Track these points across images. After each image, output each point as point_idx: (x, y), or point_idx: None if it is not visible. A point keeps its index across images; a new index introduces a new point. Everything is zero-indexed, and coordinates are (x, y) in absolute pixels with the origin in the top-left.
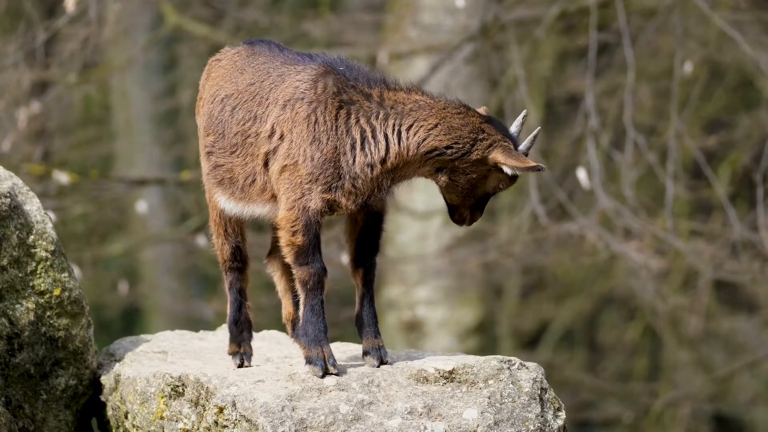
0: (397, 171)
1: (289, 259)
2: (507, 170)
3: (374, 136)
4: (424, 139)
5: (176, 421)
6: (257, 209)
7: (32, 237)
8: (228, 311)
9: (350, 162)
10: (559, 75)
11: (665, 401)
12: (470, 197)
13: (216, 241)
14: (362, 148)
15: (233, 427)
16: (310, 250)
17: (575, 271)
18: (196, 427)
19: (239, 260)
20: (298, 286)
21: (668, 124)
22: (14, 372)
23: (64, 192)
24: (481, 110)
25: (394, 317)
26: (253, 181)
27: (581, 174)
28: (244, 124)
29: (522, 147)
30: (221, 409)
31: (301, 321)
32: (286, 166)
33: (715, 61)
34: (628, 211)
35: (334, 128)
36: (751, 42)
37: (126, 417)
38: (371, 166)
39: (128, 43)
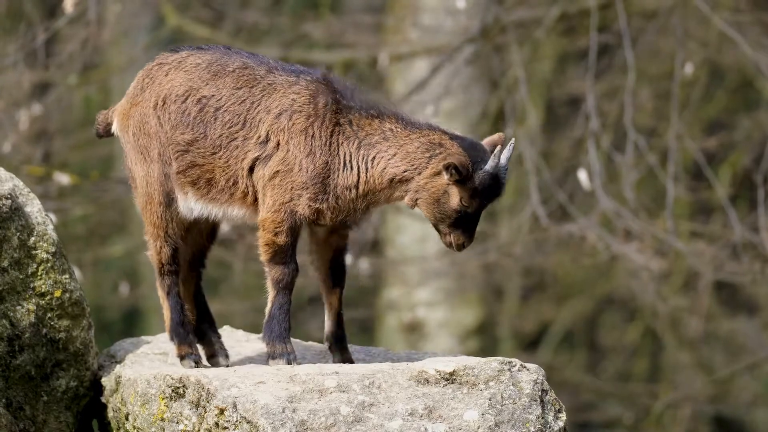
0: (369, 196)
1: (264, 258)
2: (443, 174)
3: (351, 162)
4: (383, 169)
5: (177, 422)
6: (234, 211)
7: (33, 238)
8: (168, 316)
9: (336, 180)
10: (560, 76)
11: (666, 402)
12: (440, 214)
13: (154, 243)
14: (343, 171)
15: (234, 429)
16: (289, 251)
17: (576, 272)
18: (196, 428)
19: (177, 263)
20: (269, 284)
21: (669, 125)
22: (15, 373)
23: (65, 193)
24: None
25: (394, 318)
26: (235, 183)
27: (582, 175)
28: (230, 127)
29: (488, 165)
30: (222, 411)
31: (266, 318)
32: (278, 171)
33: (715, 63)
34: (628, 213)
35: (327, 144)
36: (751, 43)
37: (127, 418)
38: (349, 189)
39: (128, 44)
